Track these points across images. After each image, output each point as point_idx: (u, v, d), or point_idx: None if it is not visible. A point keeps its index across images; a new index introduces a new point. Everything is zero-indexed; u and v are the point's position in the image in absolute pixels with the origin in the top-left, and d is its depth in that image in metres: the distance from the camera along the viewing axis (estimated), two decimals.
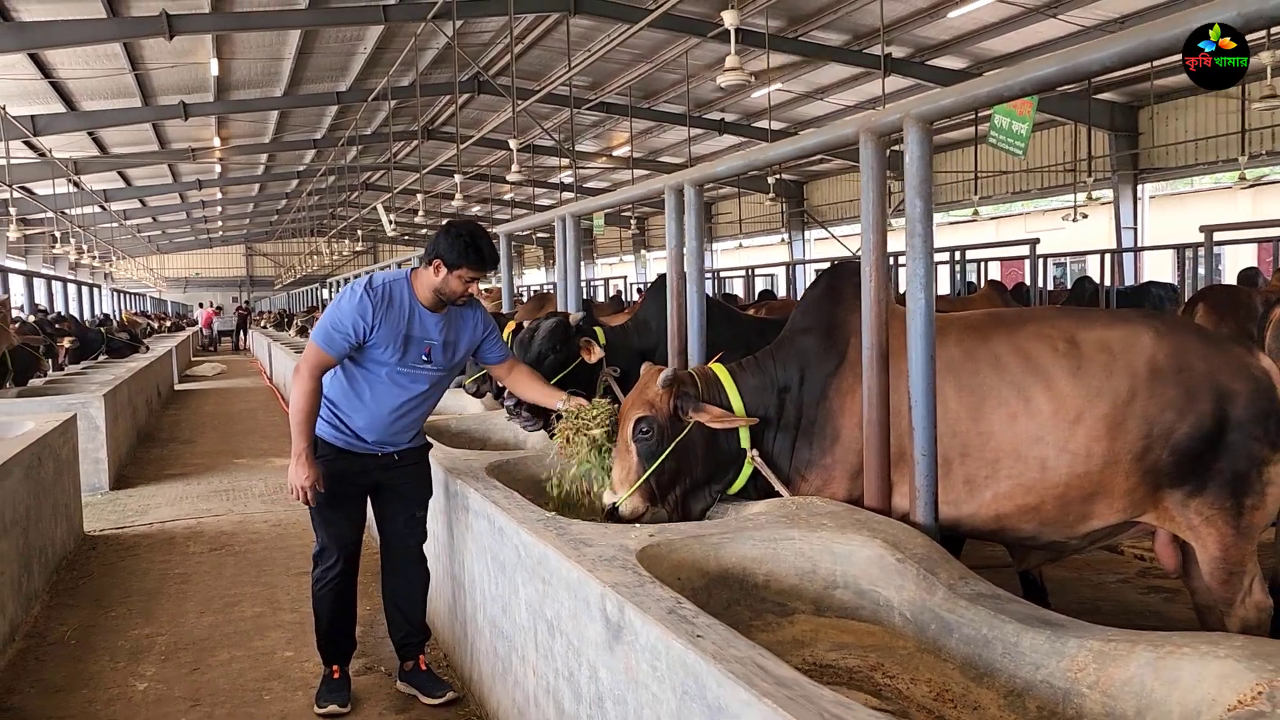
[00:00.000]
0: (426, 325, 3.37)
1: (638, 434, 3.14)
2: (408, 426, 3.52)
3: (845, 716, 1.49)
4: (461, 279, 3.30)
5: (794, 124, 23.20)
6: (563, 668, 2.53)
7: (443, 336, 3.42)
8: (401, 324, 3.32)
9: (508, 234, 6.99)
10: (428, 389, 3.48)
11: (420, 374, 3.42)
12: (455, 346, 3.48)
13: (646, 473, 3.11)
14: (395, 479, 3.56)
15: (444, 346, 3.43)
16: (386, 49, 17.73)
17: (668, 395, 3.09)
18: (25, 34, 13.47)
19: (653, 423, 3.12)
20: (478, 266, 3.30)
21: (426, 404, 3.55)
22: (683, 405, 3.09)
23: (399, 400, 3.41)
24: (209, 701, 3.62)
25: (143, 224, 39.70)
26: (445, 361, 3.47)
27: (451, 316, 3.45)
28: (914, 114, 2.73)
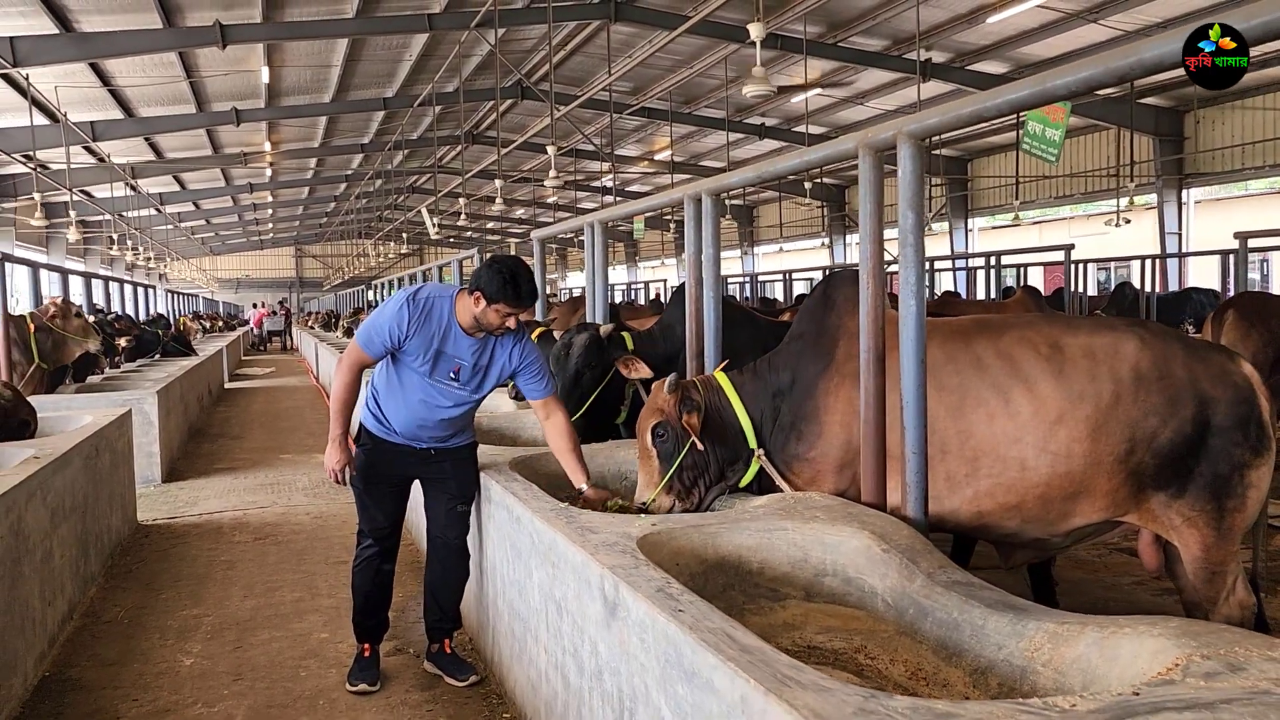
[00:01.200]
0: (460, 346, 3.52)
1: (656, 438, 3.40)
2: (436, 434, 3.66)
3: (796, 677, 1.68)
4: (499, 313, 3.40)
5: (834, 128, 23.25)
6: (569, 645, 2.73)
7: (474, 360, 3.54)
8: (435, 340, 3.49)
9: (541, 239, 7.22)
10: (452, 406, 3.60)
11: (447, 390, 3.56)
12: (485, 371, 3.59)
13: (670, 471, 3.37)
14: (436, 472, 3.73)
15: (473, 369, 3.55)
16: (431, 56, 18.10)
17: (674, 399, 3.33)
18: (86, 44, 14.01)
19: (666, 426, 3.39)
20: (515, 303, 3.38)
21: (452, 419, 3.65)
22: (684, 410, 3.32)
23: (426, 408, 3.58)
24: (250, 676, 3.88)
25: (196, 226, 40.69)
26: (471, 383, 3.58)
27: (488, 342, 3.57)
28: (905, 131, 2.90)
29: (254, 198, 34.41)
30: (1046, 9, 14.91)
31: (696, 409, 3.38)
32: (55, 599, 4.32)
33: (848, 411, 3.28)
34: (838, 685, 1.65)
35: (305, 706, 3.58)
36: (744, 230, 35.58)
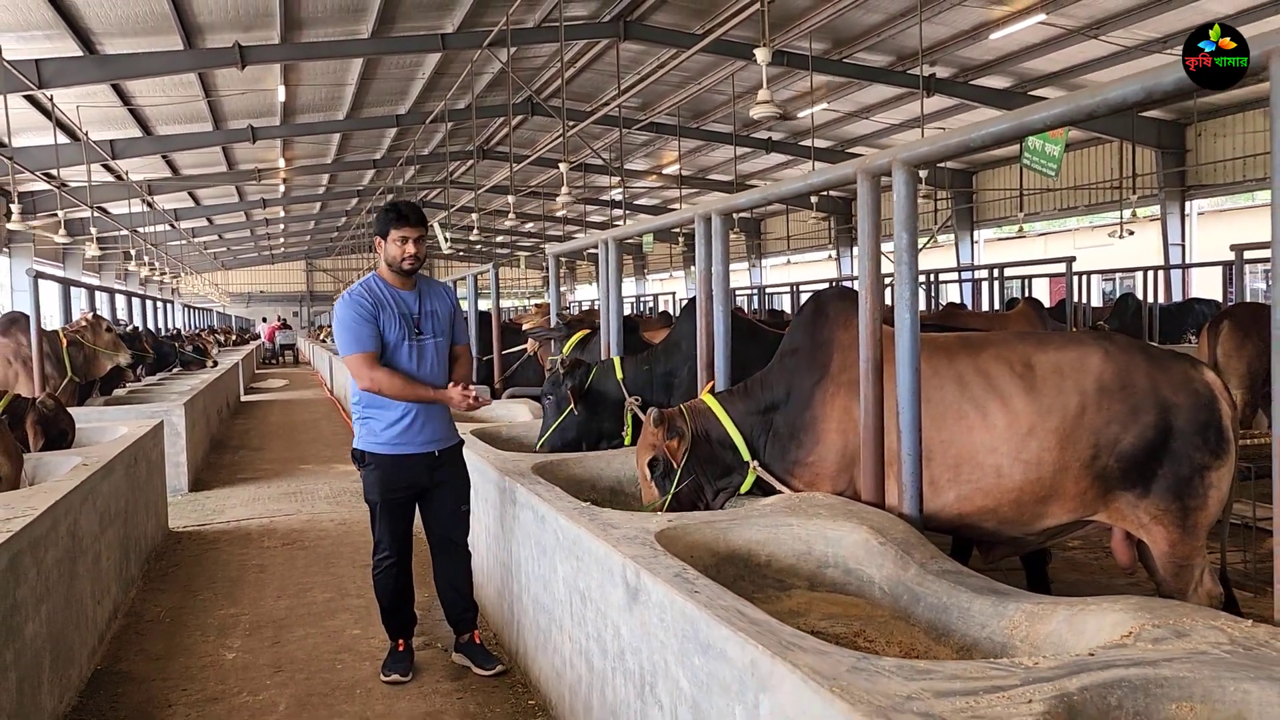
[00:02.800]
0: (406, 301, 3.85)
1: (651, 470, 3.78)
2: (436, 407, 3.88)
3: (799, 643, 1.93)
4: (397, 240, 3.76)
5: (840, 142, 23.57)
6: (592, 630, 2.98)
7: (420, 307, 3.87)
8: (389, 307, 3.80)
9: (555, 254, 7.49)
10: (431, 356, 3.88)
11: (424, 345, 3.86)
12: (437, 315, 3.92)
13: (668, 496, 3.72)
14: (441, 478, 3.96)
15: (428, 316, 3.89)
16: (444, 74, 18.45)
17: (661, 432, 3.66)
18: (109, 66, 14.38)
19: (657, 458, 3.75)
20: (400, 222, 3.76)
21: (440, 377, 3.91)
22: (671, 438, 3.64)
23: (409, 369, 3.81)
24: (289, 669, 4.14)
25: (209, 241, 41.16)
26: (435, 329, 3.90)
27: (423, 291, 3.93)
28: (900, 159, 3.16)
29: (266, 213, 34.86)
30: (1048, 25, 15.19)
31: (680, 436, 3.70)
32: (103, 598, 4.58)
33: (844, 419, 3.54)
34: (834, 649, 1.90)
35: (344, 695, 3.83)
36: (752, 243, 35.91)
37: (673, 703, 2.36)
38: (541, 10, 15.39)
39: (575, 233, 36.18)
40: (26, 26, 13.04)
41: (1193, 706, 1.68)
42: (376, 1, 13.80)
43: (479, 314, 10.49)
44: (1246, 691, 1.68)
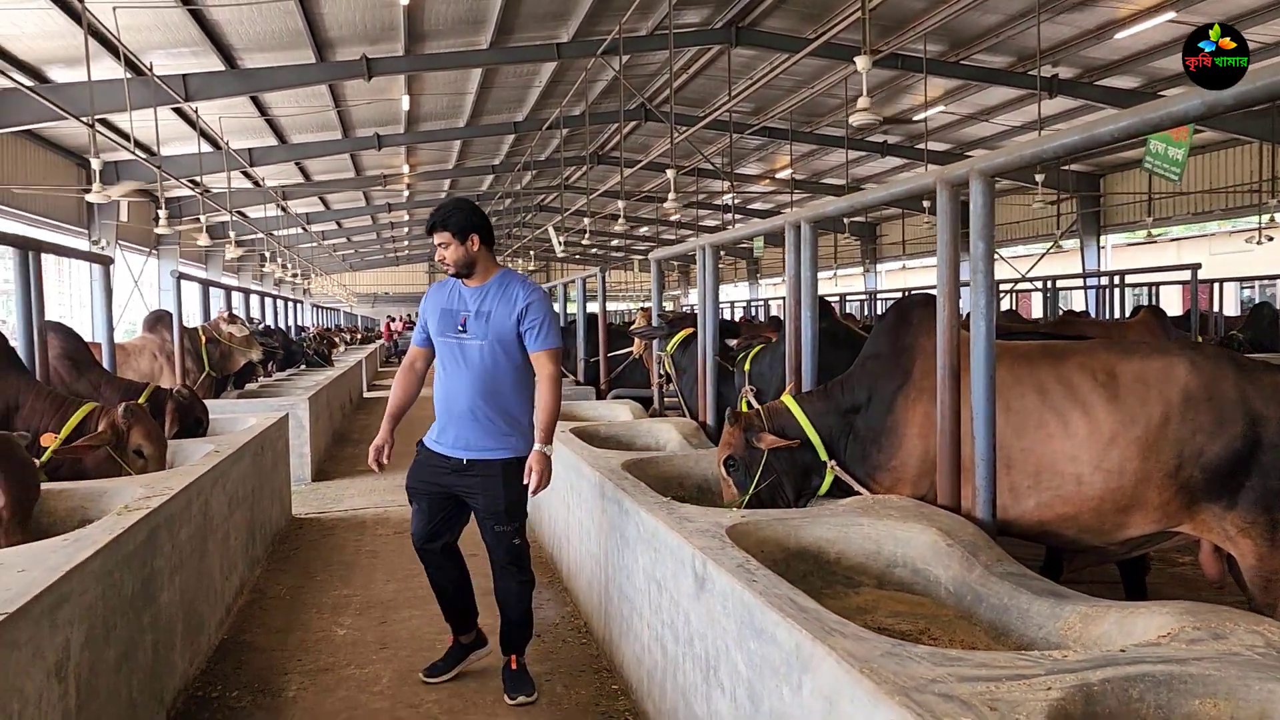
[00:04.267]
0: (464, 298, 3.75)
1: (729, 470, 3.94)
2: (467, 407, 3.69)
3: (840, 629, 2.05)
4: (437, 247, 3.73)
5: (957, 145, 23.11)
6: (666, 618, 3.15)
7: (476, 306, 3.71)
8: (443, 300, 3.78)
9: (657, 259, 7.68)
10: (475, 360, 3.68)
11: (461, 344, 3.70)
12: (488, 316, 3.69)
13: (746, 495, 3.87)
14: (465, 486, 3.77)
15: (477, 315, 3.70)
16: (560, 81, 18.90)
17: (738, 432, 3.80)
18: (248, 79, 15.30)
19: (735, 458, 3.90)
20: (429, 232, 3.74)
21: (481, 383, 3.68)
22: (749, 437, 3.78)
23: (451, 373, 3.72)
24: (394, 646, 4.44)
25: (338, 244, 42.93)
26: (485, 332, 3.67)
27: (490, 291, 3.72)
28: (977, 169, 3.23)
29: (391, 216, 36.17)
30: (1178, 24, 14.61)
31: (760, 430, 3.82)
32: (231, 574, 4.98)
33: (925, 424, 3.62)
34: (872, 636, 2.02)
35: None
36: (866, 247, 35.46)
37: (732, 685, 2.51)
38: (654, 18, 15.63)
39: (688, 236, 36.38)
40: (175, 44, 13.98)
41: (1215, 703, 1.75)
42: (495, 13, 14.28)
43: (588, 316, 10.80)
44: (1272, 691, 1.73)
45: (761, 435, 3.82)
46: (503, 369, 3.72)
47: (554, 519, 5.67)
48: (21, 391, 4.89)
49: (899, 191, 3.86)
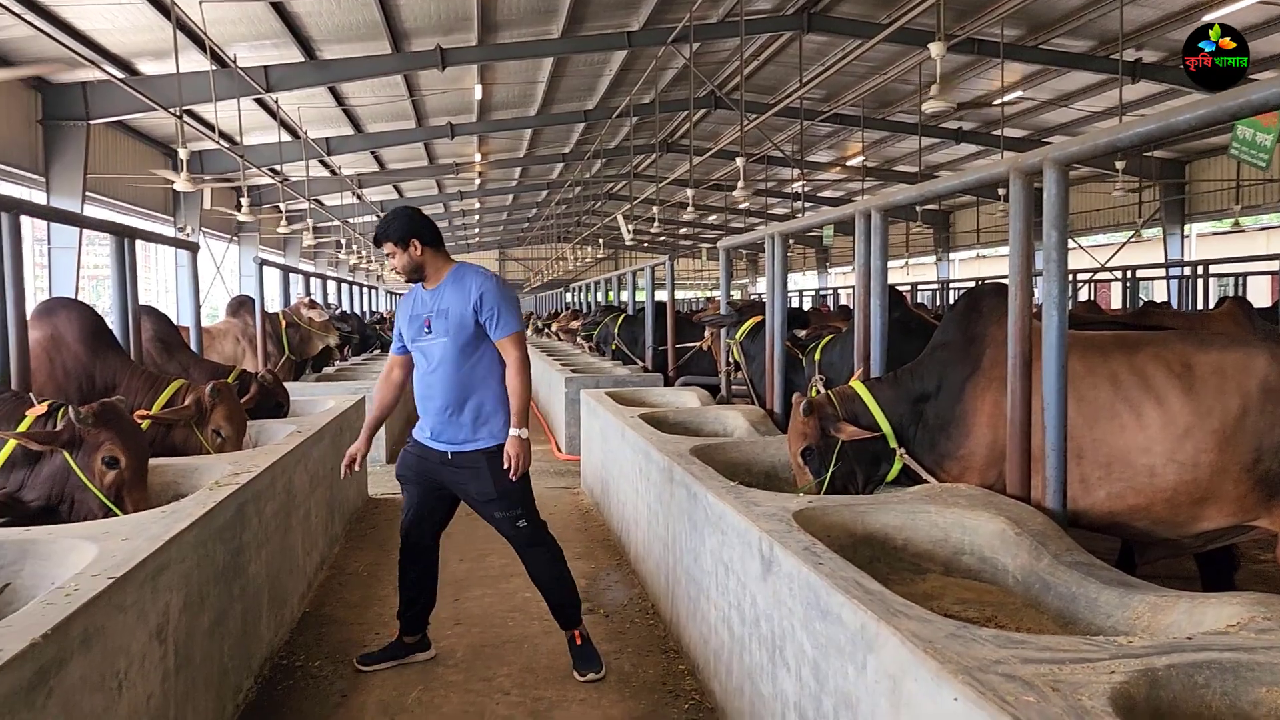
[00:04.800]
0: (425, 301, 3.83)
1: (805, 459, 3.95)
2: (444, 404, 3.78)
3: (905, 611, 2.09)
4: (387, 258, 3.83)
5: (1035, 131, 22.59)
6: (733, 599, 3.21)
7: (436, 306, 3.77)
8: (409, 307, 3.89)
9: (726, 247, 7.71)
10: (442, 357, 3.76)
11: (429, 345, 3.79)
12: (447, 313, 3.74)
13: (824, 483, 3.89)
14: (455, 479, 3.87)
15: (438, 314, 3.76)
16: (630, 70, 18.96)
17: (813, 421, 3.82)
18: (326, 70, 15.65)
19: (810, 448, 3.92)
20: (377, 246, 3.86)
21: (452, 380, 3.75)
22: (825, 425, 3.80)
23: (425, 373, 3.82)
24: (467, 622, 4.58)
25: None
26: (445, 329, 3.74)
27: (446, 288, 3.77)
28: (1051, 158, 3.21)
29: (463, 205, 36.68)
30: (1270, 4, 14.11)
31: (837, 419, 3.84)
32: (311, 550, 5.17)
33: (994, 414, 3.62)
34: (936, 618, 2.05)
35: (512, 648, 4.22)
36: (939, 236, 34.90)
37: (798, 664, 2.56)
38: (725, 5, 15.59)
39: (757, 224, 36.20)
40: (257, 37, 14.37)
41: None
42: (566, 2, 14.39)
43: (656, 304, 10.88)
44: None
45: (841, 426, 3.84)
46: (471, 361, 3.78)
47: (623, 503, 5.76)
48: (118, 371, 5.13)
49: (971, 180, 3.85)
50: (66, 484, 3.53)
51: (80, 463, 3.52)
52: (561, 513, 6.93)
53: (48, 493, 3.53)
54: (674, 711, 3.56)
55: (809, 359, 5.95)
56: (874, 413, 3.89)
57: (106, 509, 3.51)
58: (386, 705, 3.66)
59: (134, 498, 3.59)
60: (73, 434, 3.53)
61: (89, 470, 3.52)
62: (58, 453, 3.53)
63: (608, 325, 13.07)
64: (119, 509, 3.52)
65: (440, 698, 3.71)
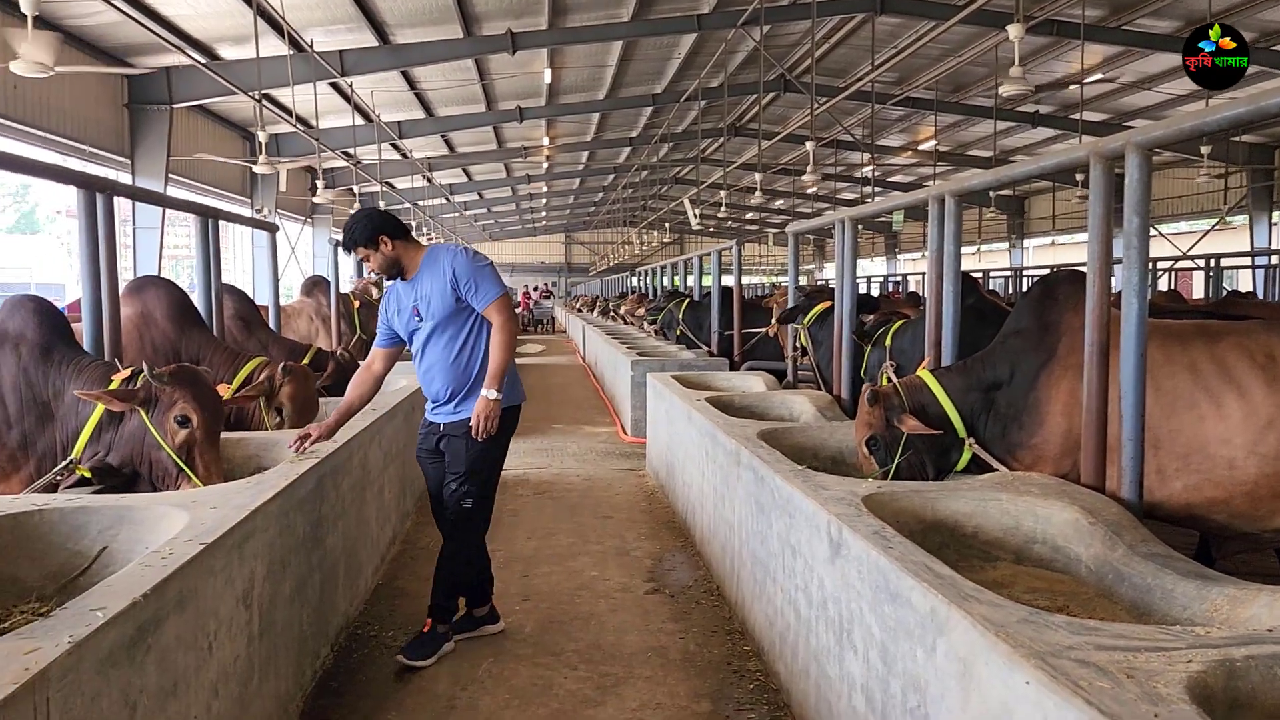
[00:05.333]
0: (407, 292, 3.94)
1: (870, 449, 3.95)
2: (445, 385, 3.91)
3: (977, 595, 2.10)
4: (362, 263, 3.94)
5: (1116, 115, 21.96)
6: (800, 582, 3.23)
7: (419, 293, 3.88)
8: (396, 301, 4.00)
9: (795, 232, 7.68)
10: (436, 339, 3.89)
11: (420, 329, 3.91)
12: (430, 298, 3.85)
13: (889, 472, 3.87)
14: (445, 446, 4.01)
15: (422, 299, 3.87)
16: (699, 53, 18.88)
17: (878, 410, 3.79)
18: (399, 54, 15.88)
19: (876, 437, 3.91)
20: (349, 252, 3.94)
21: (448, 359, 3.89)
22: (889, 416, 3.78)
23: (423, 358, 3.96)
24: (535, 598, 4.66)
25: (479, 214, 44.10)
26: (430, 313, 3.85)
27: (424, 274, 3.87)
28: (1134, 142, 3.15)
29: (530, 188, 36.91)
30: None
31: (901, 410, 3.81)
32: (385, 525, 5.31)
33: (1069, 402, 3.57)
34: (1008, 604, 2.05)
35: (580, 624, 4.30)
36: (1013, 222, 34.19)
37: (865, 647, 2.57)
38: None
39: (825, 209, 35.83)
40: (333, 21, 14.62)
41: None
42: None
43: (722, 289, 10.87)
44: None
45: (904, 418, 3.82)
46: (461, 338, 3.89)
47: (688, 485, 5.80)
48: (202, 346, 5.32)
49: (1049, 165, 3.79)
50: (144, 444, 3.66)
51: (155, 422, 3.64)
52: (626, 495, 7.00)
53: (128, 454, 3.67)
54: (739, 691, 3.59)
55: (879, 345, 5.91)
56: (942, 403, 3.87)
57: (180, 469, 3.62)
58: (458, 676, 3.75)
59: (205, 459, 3.68)
60: (149, 394, 3.65)
61: (162, 429, 3.64)
62: (136, 413, 3.65)
63: (672, 310, 13.11)
64: (190, 470, 3.63)
65: (510, 670, 3.79)
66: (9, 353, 3.71)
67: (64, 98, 13.62)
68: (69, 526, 3.00)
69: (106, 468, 3.65)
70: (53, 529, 2.99)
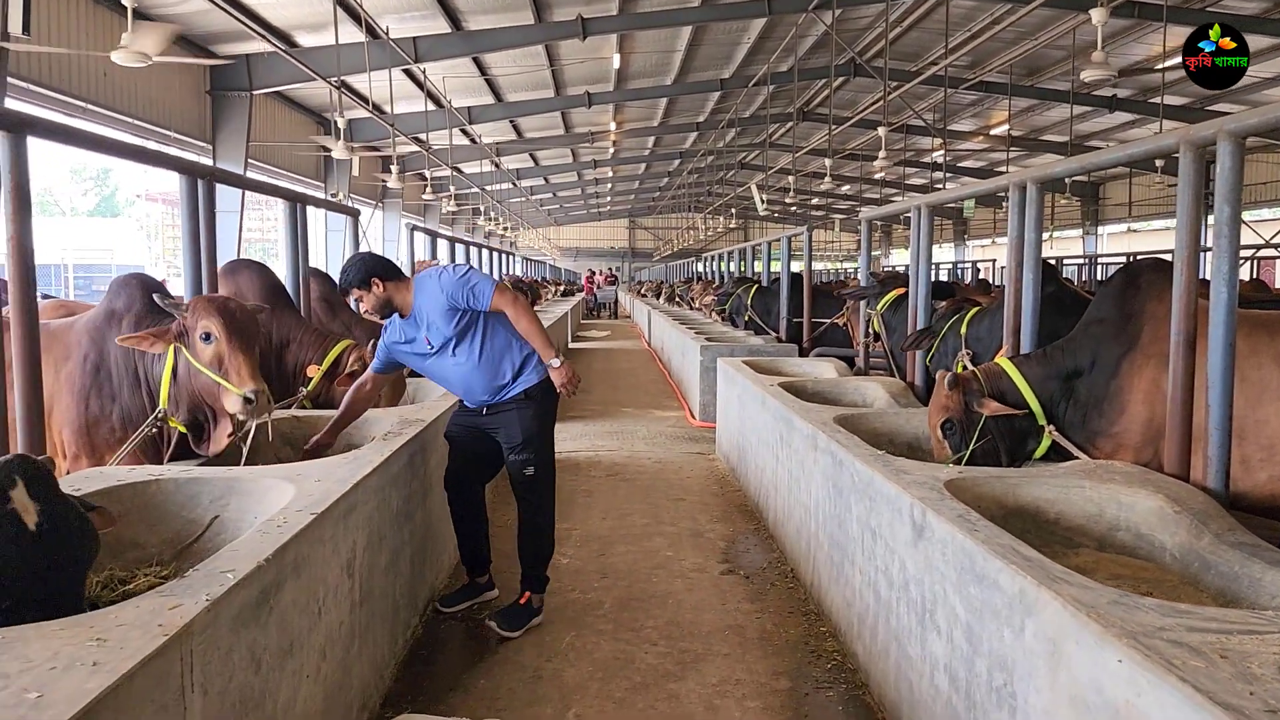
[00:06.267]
0: (413, 326, 4.05)
1: (945, 432, 3.94)
2: (484, 386, 4.06)
3: (1065, 578, 2.14)
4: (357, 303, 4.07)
5: (1197, 99, 21.36)
6: (880, 564, 3.28)
7: (423, 325, 4.01)
8: (399, 337, 4.10)
9: (869, 219, 7.66)
10: (456, 358, 4.02)
11: (442, 358, 4.04)
12: (431, 324, 3.99)
13: (964, 456, 3.88)
14: (491, 425, 4.15)
15: (429, 329, 4.00)
16: (768, 38, 18.80)
17: (957, 395, 3.81)
18: (471, 40, 16.10)
19: (952, 421, 3.91)
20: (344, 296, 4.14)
21: (473, 366, 4.02)
22: (969, 401, 3.79)
23: (448, 376, 4.10)
24: (612, 576, 4.78)
25: (544, 199, 44.45)
26: (440, 338, 3.99)
27: (421, 306, 3.98)
28: (1226, 130, 3.13)
29: (596, 173, 37.10)
30: None
31: (982, 395, 3.82)
32: None
33: (1152, 391, 3.56)
34: (1098, 586, 2.09)
35: (657, 603, 4.40)
36: (1088, 209, 33.47)
37: (949, 627, 2.63)
38: None
39: (893, 195, 35.41)
40: (408, 8, 14.87)
41: None
42: None
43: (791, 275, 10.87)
44: None
45: (985, 401, 3.84)
46: (479, 345, 4.04)
47: (761, 469, 5.86)
48: (293, 328, 5.51)
49: (1137, 152, 3.76)
50: (191, 382, 3.68)
51: (190, 352, 3.65)
52: (698, 478, 7.08)
53: (188, 404, 3.73)
54: (816, 670, 3.66)
55: (953, 332, 5.89)
56: (1022, 390, 3.88)
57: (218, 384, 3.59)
58: (541, 648, 3.88)
59: (234, 363, 3.61)
60: (180, 328, 3.67)
61: (196, 355, 3.64)
62: (180, 353, 3.67)
63: (741, 295, 13.12)
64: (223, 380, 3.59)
65: (592, 644, 3.91)
66: (117, 328, 3.90)
67: (150, 85, 14.08)
68: (183, 496, 3.18)
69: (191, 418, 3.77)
70: (168, 498, 3.17)
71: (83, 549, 2.13)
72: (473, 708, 3.37)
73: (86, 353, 3.87)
